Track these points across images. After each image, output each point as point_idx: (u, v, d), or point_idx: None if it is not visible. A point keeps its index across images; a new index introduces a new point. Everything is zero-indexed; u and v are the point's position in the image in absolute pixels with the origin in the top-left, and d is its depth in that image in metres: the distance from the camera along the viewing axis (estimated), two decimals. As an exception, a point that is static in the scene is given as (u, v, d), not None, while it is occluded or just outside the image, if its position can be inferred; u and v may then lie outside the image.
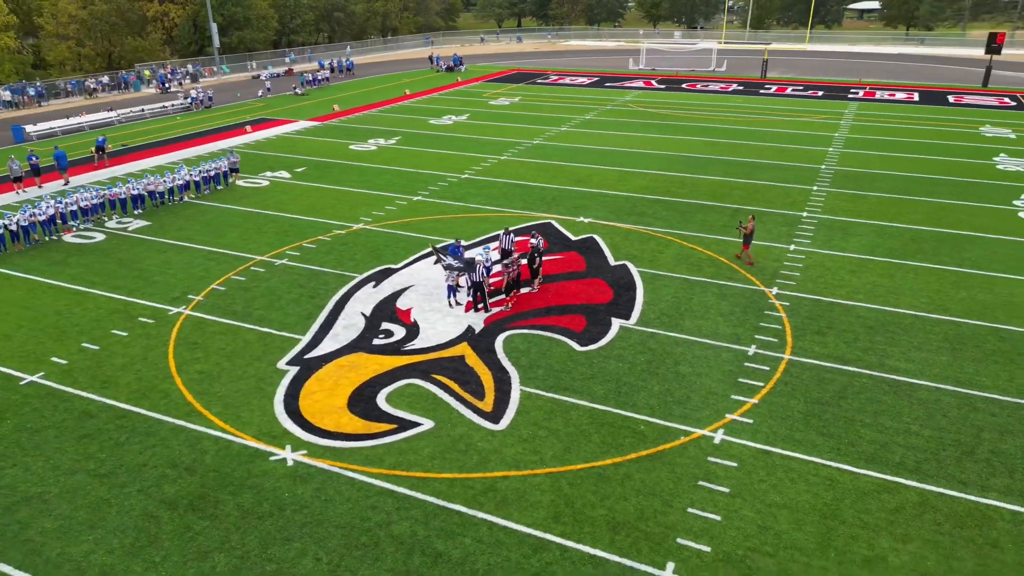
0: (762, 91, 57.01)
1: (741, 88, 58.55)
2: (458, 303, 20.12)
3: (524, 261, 20.62)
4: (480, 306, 19.77)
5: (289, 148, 39.33)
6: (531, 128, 43.62)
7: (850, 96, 54.14)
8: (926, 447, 14.04)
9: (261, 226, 26.72)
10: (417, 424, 14.85)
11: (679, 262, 23.08)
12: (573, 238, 25.22)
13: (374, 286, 21.49)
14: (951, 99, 52.77)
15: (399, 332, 18.69)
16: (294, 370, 16.99)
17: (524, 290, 20.71)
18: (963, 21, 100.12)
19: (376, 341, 18.26)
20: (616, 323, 19.06)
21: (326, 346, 18.05)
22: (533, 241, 21.07)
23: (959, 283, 21.45)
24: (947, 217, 27.22)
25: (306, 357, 17.55)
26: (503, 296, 20.31)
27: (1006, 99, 52.57)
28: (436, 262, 21.20)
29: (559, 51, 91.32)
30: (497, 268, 20.96)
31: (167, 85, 62.07)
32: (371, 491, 12.99)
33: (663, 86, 60.22)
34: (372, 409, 15.40)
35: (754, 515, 12.29)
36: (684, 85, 60.53)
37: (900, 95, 54.39)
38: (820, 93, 55.64)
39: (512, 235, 22.22)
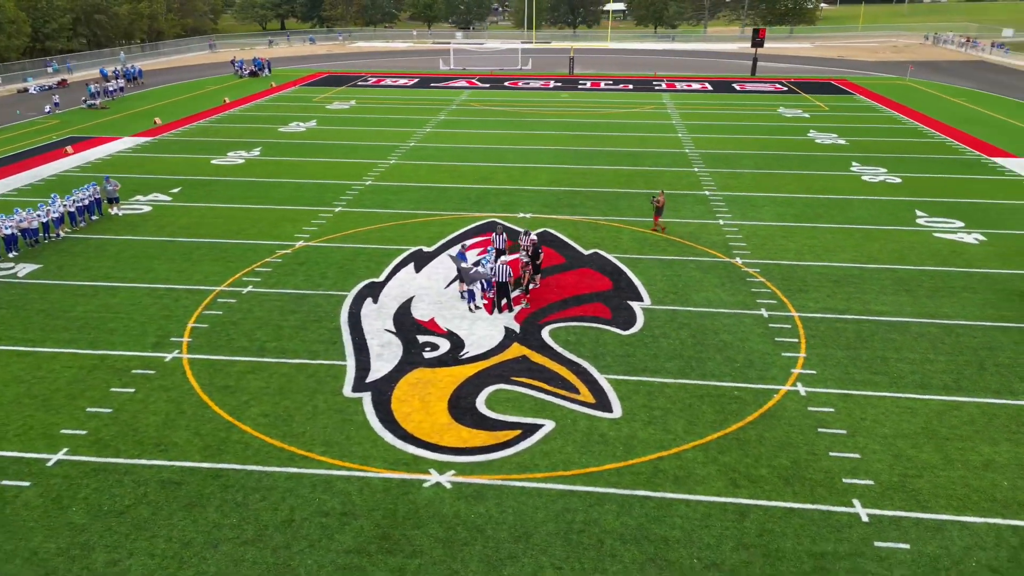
0: (580, 86, 61.05)
1: (560, 84, 62.18)
2: (477, 307, 19.96)
3: (518, 256, 20.95)
4: (503, 303, 19.82)
5: (137, 168, 35.03)
6: (393, 131, 42.97)
7: (656, 88, 59.97)
8: (949, 369, 16.99)
9: (187, 255, 23.94)
10: (540, 426, 14.85)
11: (642, 245, 24.75)
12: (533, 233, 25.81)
13: (373, 301, 20.52)
14: (736, 87, 60.63)
15: (443, 343, 18.20)
16: (366, 395, 15.96)
17: (515, 292, 20.96)
18: (704, 20, 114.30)
19: (427, 355, 17.65)
20: (636, 306, 20.21)
21: (380, 367, 17.10)
22: (533, 238, 21.44)
23: (867, 237, 25.52)
24: (813, 185, 31.88)
25: (368, 382, 16.52)
26: (520, 292, 20.51)
27: (778, 85, 61.57)
28: (458, 274, 20.58)
29: (356, 53, 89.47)
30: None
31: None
32: (551, 495, 12.92)
33: (487, 85, 62.02)
34: (483, 419, 15.07)
35: (881, 448, 14.19)
36: (507, 83, 62.85)
37: (695, 85, 61.35)
38: (631, 86, 60.92)
39: (504, 234, 22.36)
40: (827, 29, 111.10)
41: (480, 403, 15.64)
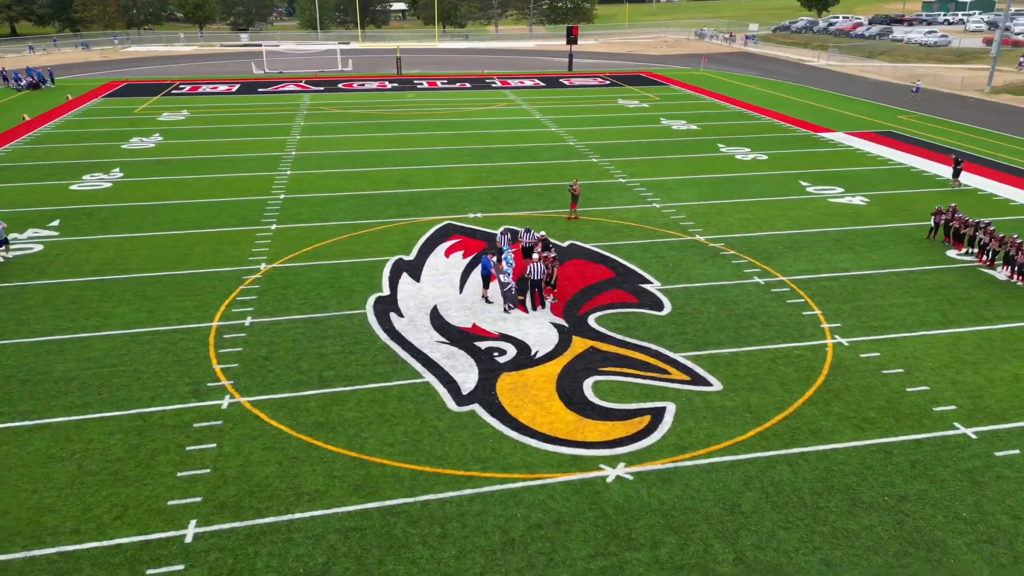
0: (417, 86, 60.79)
1: (397, 85, 61.39)
2: (511, 307, 19.87)
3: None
4: (537, 303, 19.95)
5: (-21, 201, 29.48)
6: (259, 141, 40.05)
7: (493, 86, 61.52)
8: (931, 308, 20.17)
9: (139, 292, 20.95)
10: (663, 408, 15.46)
11: (607, 233, 25.94)
12: (495, 232, 25.94)
13: (400, 316, 19.61)
14: (565, 83, 64.05)
15: (507, 347, 17.99)
16: (475, 407, 15.46)
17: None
18: (495, 19, 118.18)
19: (500, 359, 17.37)
20: (651, 288, 21.35)
21: (465, 379, 16.55)
22: (542, 234, 21.65)
23: (781, 207, 28.91)
24: (702, 167, 35.16)
25: (467, 394, 15.97)
26: (547, 287, 20.72)
27: (599, 79, 65.99)
28: (504, 281, 20.07)
29: (138, 59, 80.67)
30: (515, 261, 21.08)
31: None
32: (725, 467, 13.64)
33: (321, 88, 59.50)
34: (607, 411, 15.34)
35: (937, 378, 16.64)
36: (340, 85, 60.76)
37: (528, 82, 63.83)
38: (468, 85, 61.86)
39: (508, 235, 22.29)
40: (601, 27, 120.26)
41: (591, 396, 15.86)
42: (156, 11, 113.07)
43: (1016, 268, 21.97)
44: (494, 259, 20.33)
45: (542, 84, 62.45)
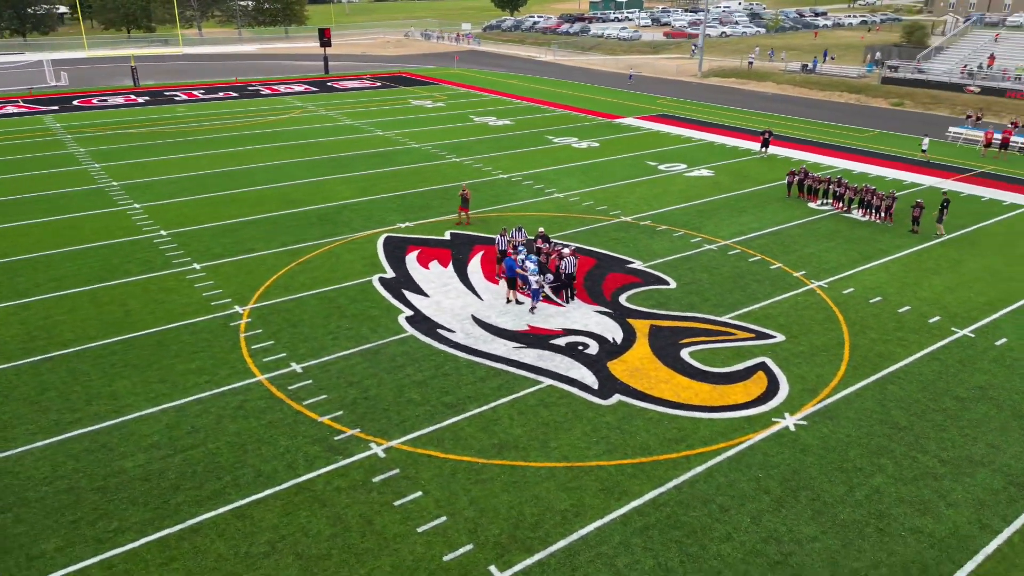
0: (178, 99, 54.54)
1: (151, 98, 54.35)
2: (535, 307, 20.13)
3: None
4: (568, 296, 20.58)
5: None
6: (49, 175, 33.45)
7: (263, 94, 57.53)
8: (850, 248, 24.73)
9: (124, 362, 17.24)
10: (764, 363, 17.40)
11: (547, 227, 27.02)
12: (446, 237, 25.60)
13: (449, 332, 18.89)
14: (336, 86, 62.14)
15: (586, 340, 18.46)
16: (618, 396, 15.94)
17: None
18: (198, 21, 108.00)
19: (590, 352, 17.85)
20: (642, 266, 23.10)
21: (581, 374, 16.81)
22: (540, 231, 22.06)
23: (655, 185, 32.43)
24: (549, 157, 37.61)
25: (600, 388, 16.30)
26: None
27: (368, 81, 65.10)
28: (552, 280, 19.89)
29: None
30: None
31: None
32: (865, 399, 16.05)
33: (56, 107, 50.41)
34: (727, 376, 16.85)
35: (919, 299, 20.92)
36: (76, 103, 52.03)
37: (297, 88, 60.72)
38: (234, 94, 57.01)
39: (505, 236, 22.20)
40: (314, 29, 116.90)
41: (702, 367, 17.24)
42: None
43: (873, 209, 27.83)
44: (519, 257, 20.41)
45: (314, 89, 59.95)
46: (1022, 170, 35.92)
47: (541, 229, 22.57)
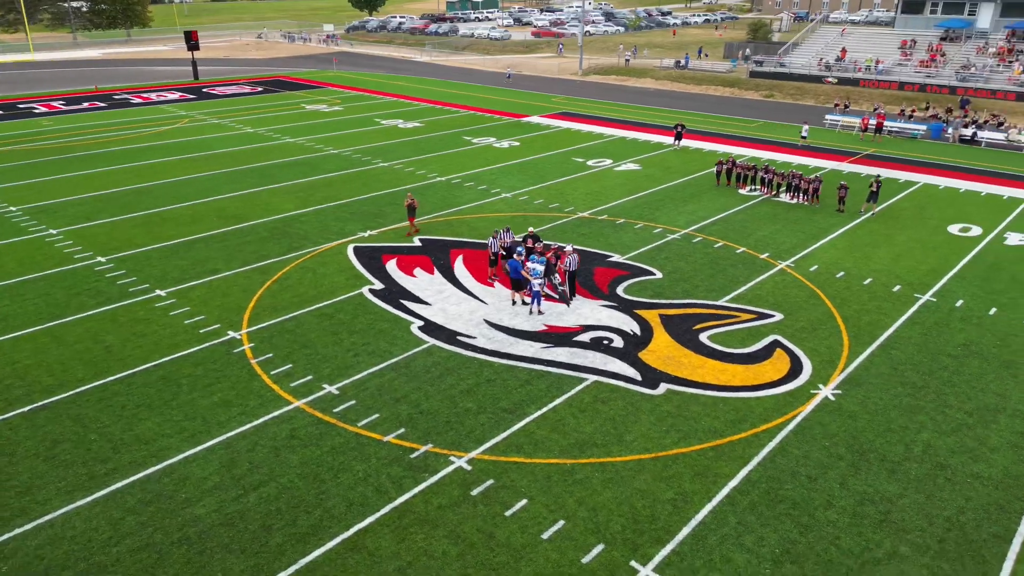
0: (37, 112, 49.25)
1: (8, 112, 48.68)
2: (541, 312, 20.22)
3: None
4: (571, 295, 20.85)
5: None
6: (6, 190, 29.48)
7: (133, 103, 53.19)
8: (794, 228, 26.72)
9: (138, 402, 15.65)
10: (778, 340, 18.54)
11: (512, 226, 27.11)
12: (417, 244, 25.07)
13: (471, 338, 18.63)
14: (214, 92, 58.50)
15: (608, 334, 18.80)
16: (667, 385, 16.45)
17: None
18: (23, 25, 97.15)
19: (624, 346, 18.22)
20: (625, 259, 23.77)
21: (619, 368, 17.16)
22: (532, 230, 22.12)
23: (592, 181, 33.37)
24: (477, 158, 37.67)
25: (643, 379, 16.72)
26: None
27: (247, 86, 61.75)
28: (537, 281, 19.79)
29: None
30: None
31: None
32: (877, 362, 17.50)
33: None
34: (750, 356, 17.81)
35: (880, 266, 22.97)
36: (-79, 120, 45.72)
37: (171, 95, 56.59)
38: (102, 104, 52.28)
39: (502, 236, 22.01)
40: (158, 31, 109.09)
41: (726, 350, 18.10)
42: None
43: (800, 192, 30.19)
44: (522, 258, 20.41)
45: (191, 96, 56.14)
46: (898, 150, 40.18)
47: (531, 229, 22.65)
